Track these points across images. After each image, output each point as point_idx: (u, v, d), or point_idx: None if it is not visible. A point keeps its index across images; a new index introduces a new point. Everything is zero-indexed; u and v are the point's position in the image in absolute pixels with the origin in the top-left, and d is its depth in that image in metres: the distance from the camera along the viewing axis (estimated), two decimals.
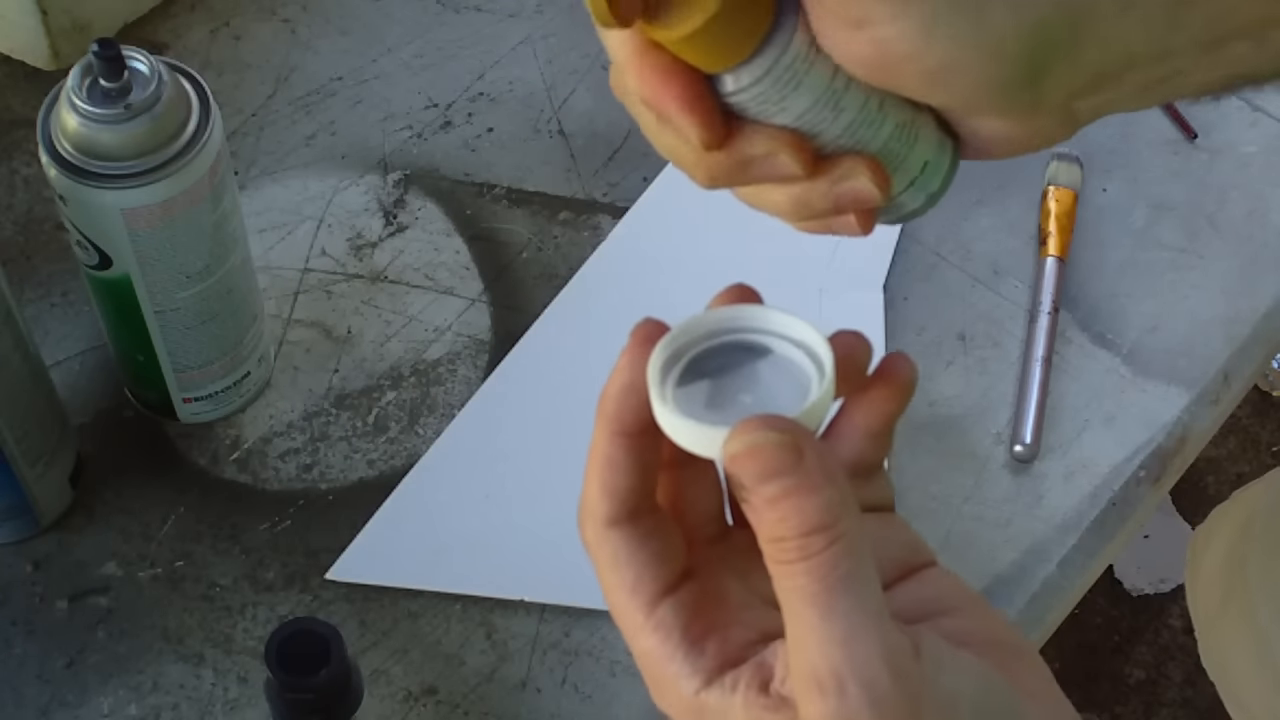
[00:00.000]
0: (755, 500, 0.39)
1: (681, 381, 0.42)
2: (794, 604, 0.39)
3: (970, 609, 0.45)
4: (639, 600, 0.42)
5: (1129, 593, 1.63)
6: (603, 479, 0.42)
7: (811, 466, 0.38)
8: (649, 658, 0.42)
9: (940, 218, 0.85)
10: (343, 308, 0.80)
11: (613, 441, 0.42)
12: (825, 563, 0.38)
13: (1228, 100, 0.91)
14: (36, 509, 0.70)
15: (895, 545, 0.46)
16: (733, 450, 0.39)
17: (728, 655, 0.42)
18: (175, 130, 0.63)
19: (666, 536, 0.43)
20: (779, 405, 0.41)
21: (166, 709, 0.68)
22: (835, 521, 0.38)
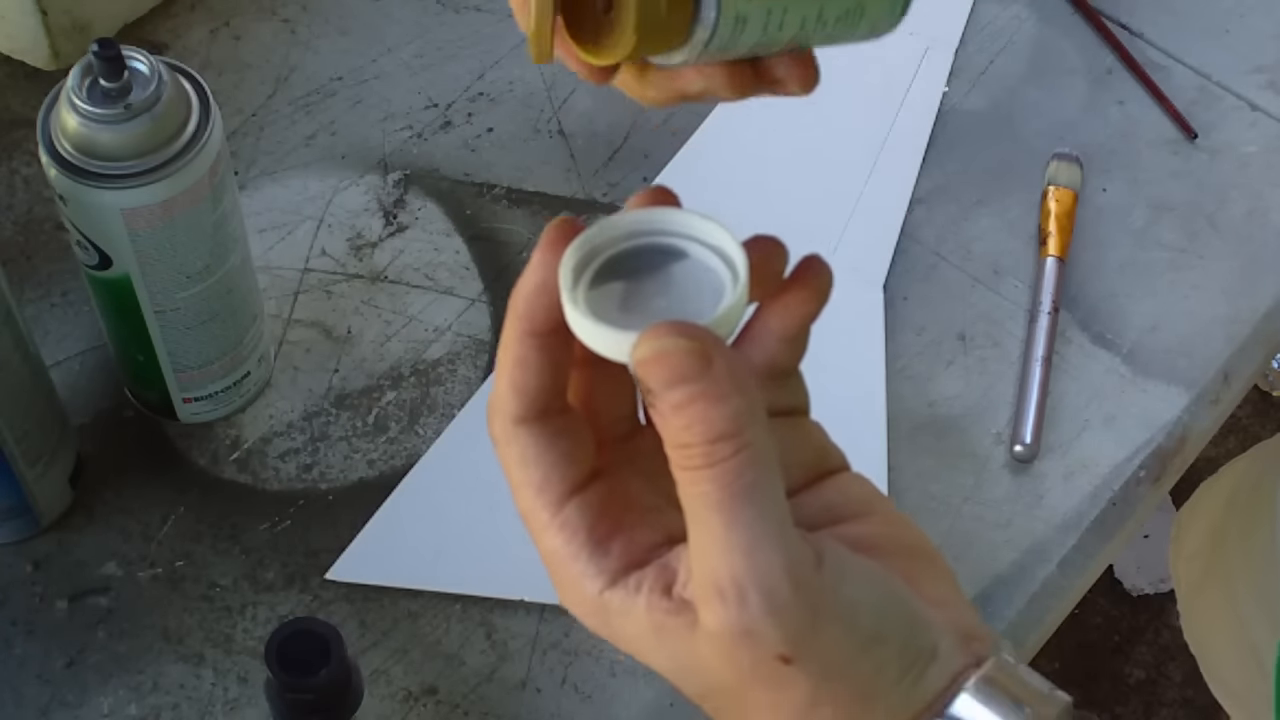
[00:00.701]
0: (662, 406, 0.39)
1: (595, 283, 0.42)
2: (697, 510, 0.39)
3: (878, 514, 0.45)
4: (545, 499, 0.42)
5: (1129, 593, 1.63)
6: (513, 377, 0.42)
7: (720, 374, 0.38)
8: (554, 557, 0.42)
9: (940, 218, 0.85)
10: (343, 308, 0.80)
11: (523, 341, 0.42)
12: (730, 471, 0.38)
13: (1227, 100, 0.91)
14: (36, 509, 0.70)
15: (806, 450, 0.46)
16: (641, 355, 0.39)
17: (633, 557, 0.42)
18: (175, 130, 0.63)
19: (576, 436, 0.43)
20: (692, 310, 0.41)
21: (166, 709, 0.68)
22: (741, 430, 0.38)
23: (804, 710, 0.41)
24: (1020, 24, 0.94)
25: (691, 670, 0.42)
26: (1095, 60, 0.92)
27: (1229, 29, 0.94)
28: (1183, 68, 0.92)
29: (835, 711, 0.41)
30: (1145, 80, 0.91)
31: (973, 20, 0.93)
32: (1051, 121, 0.89)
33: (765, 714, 0.42)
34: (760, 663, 0.40)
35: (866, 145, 0.87)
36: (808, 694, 0.41)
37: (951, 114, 0.89)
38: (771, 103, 0.90)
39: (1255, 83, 0.92)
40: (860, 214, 0.85)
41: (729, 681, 0.41)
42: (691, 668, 0.41)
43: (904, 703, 0.42)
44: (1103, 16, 0.93)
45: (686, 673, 0.42)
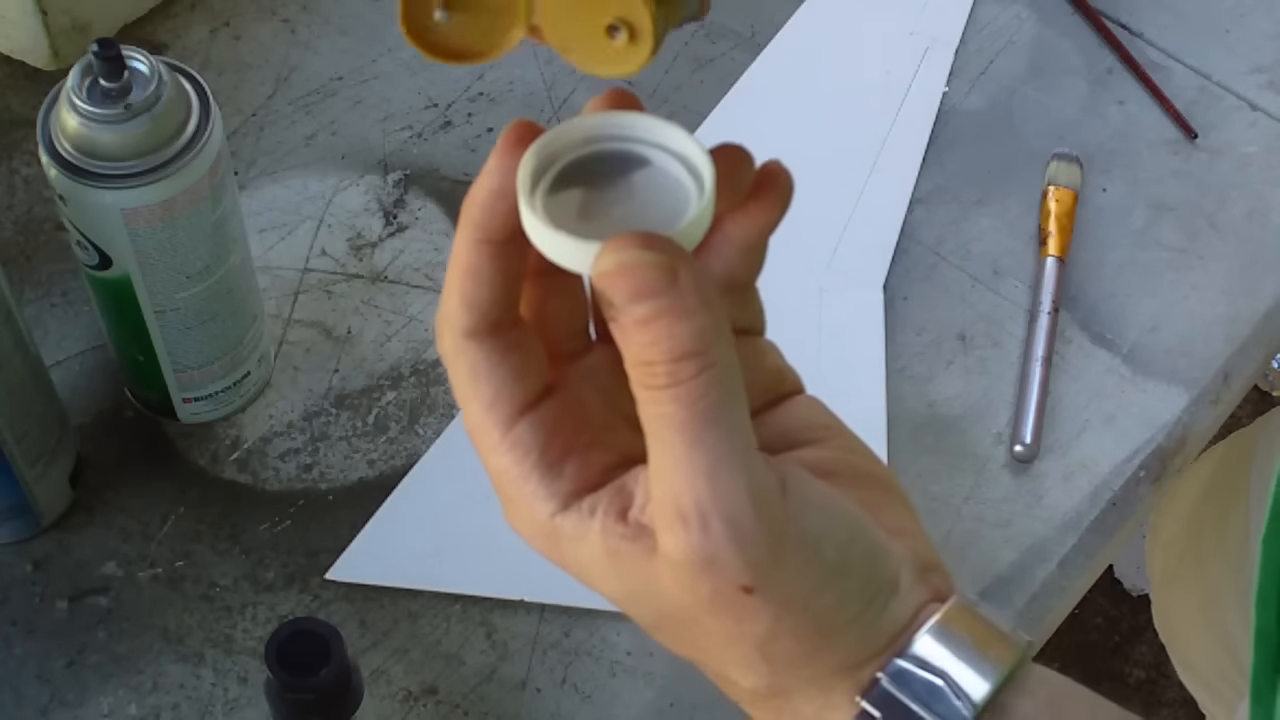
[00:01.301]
0: (624, 320, 0.37)
1: (553, 189, 0.40)
2: (659, 431, 0.38)
3: (836, 439, 0.44)
4: (495, 417, 0.40)
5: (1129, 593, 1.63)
6: (463, 289, 0.40)
7: (686, 288, 0.37)
8: (503, 477, 0.41)
9: (940, 218, 0.85)
10: (343, 308, 0.80)
11: (476, 250, 0.40)
12: (694, 390, 0.37)
13: (1228, 100, 0.91)
14: (36, 509, 0.70)
15: (762, 372, 0.44)
16: (604, 267, 0.37)
17: (586, 479, 0.40)
18: (175, 130, 0.63)
19: (528, 351, 0.41)
20: (655, 220, 0.39)
21: (166, 709, 0.68)
22: (707, 348, 0.37)
23: (762, 642, 0.40)
24: (1020, 24, 0.94)
25: (646, 597, 0.40)
26: (1095, 60, 0.92)
27: (1229, 29, 0.94)
28: (1183, 68, 0.92)
29: (795, 644, 0.40)
30: (1145, 80, 0.91)
31: (973, 20, 0.93)
32: (1051, 121, 0.89)
33: (722, 645, 0.41)
34: (720, 591, 0.38)
35: (866, 145, 0.87)
36: (767, 626, 0.39)
37: (951, 114, 0.89)
38: (772, 102, 0.91)
39: (1255, 83, 0.92)
40: (860, 214, 0.85)
41: (686, 610, 0.40)
42: (646, 595, 0.40)
43: (863, 638, 0.41)
44: (1103, 16, 0.93)
45: (641, 600, 0.41)
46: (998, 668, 0.41)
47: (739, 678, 0.42)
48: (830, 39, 0.92)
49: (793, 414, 0.44)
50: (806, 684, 0.41)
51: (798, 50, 0.91)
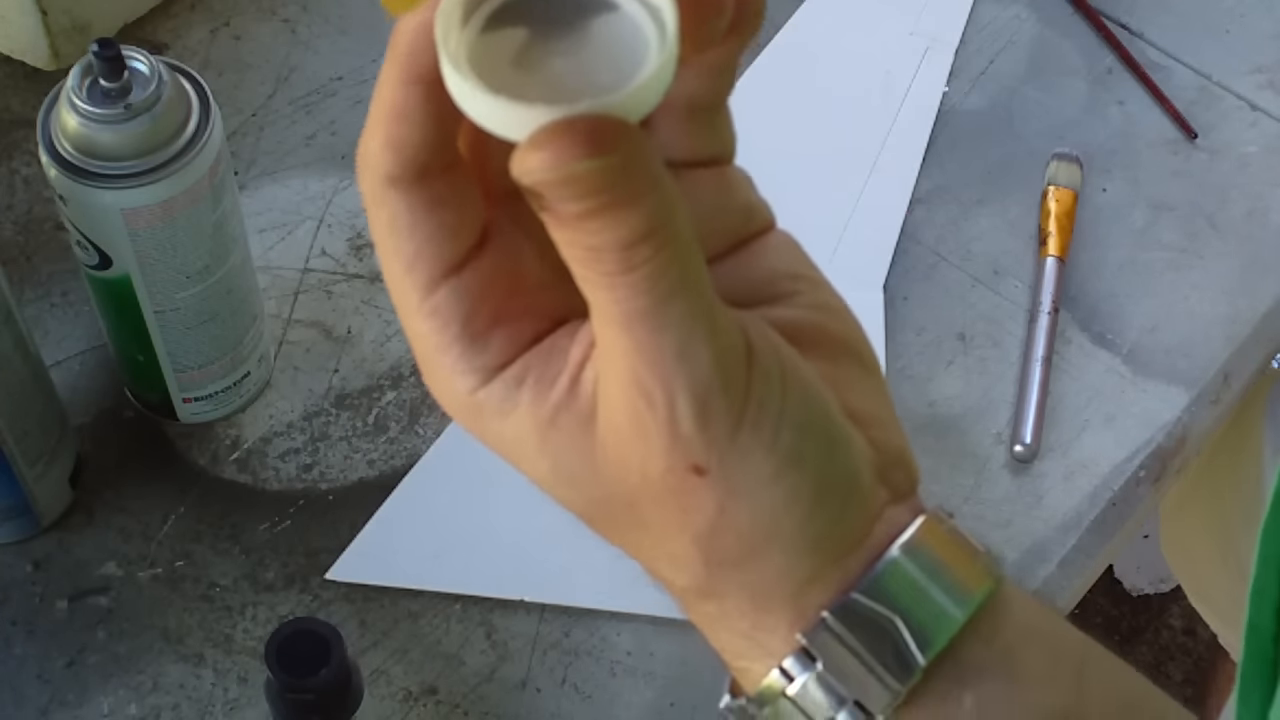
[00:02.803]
0: (558, 213, 0.32)
1: (491, 25, 0.34)
2: (614, 316, 0.33)
3: (808, 292, 0.40)
4: (415, 279, 0.36)
5: (1129, 593, 1.63)
6: (388, 130, 0.35)
7: (634, 173, 0.32)
8: (422, 344, 0.37)
9: (940, 218, 0.85)
10: (343, 308, 0.80)
11: (404, 88, 0.34)
12: (653, 273, 0.33)
13: (1227, 100, 0.91)
14: (36, 509, 0.70)
15: (730, 211, 0.39)
16: (529, 167, 0.32)
17: (514, 350, 0.36)
18: (175, 130, 0.63)
19: (458, 204, 0.36)
20: (602, 78, 0.33)
21: (166, 709, 0.68)
22: (663, 224, 0.32)
23: (702, 535, 0.36)
24: (1020, 24, 0.94)
25: (580, 478, 0.36)
26: (1095, 60, 0.92)
27: (1229, 29, 0.94)
28: (1183, 68, 0.92)
29: (735, 542, 0.36)
30: (1145, 80, 0.91)
31: (973, 20, 0.93)
32: (1051, 121, 0.89)
33: (657, 536, 0.37)
34: (672, 471, 0.35)
35: (866, 145, 0.87)
36: (710, 517, 0.36)
37: (951, 114, 0.89)
38: (772, 102, 0.91)
39: (1255, 83, 0.92)
40: (860, 214, 0.85)
41: (626, 493, 0.36)
42: (580, 475, 0.36)
43: (809, 549, 0.37)
44: (1103, 16, 0.93)
45: (573, 482, 0.37)
46: (961, 607, 0.38)
47: (672, 575, 0.38)
48: (830, 39, 0.92)
49: (762, 260, 0.39)
50: (739, 591, 0.37)
51: (798, 50, 0.91)
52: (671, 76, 0.33)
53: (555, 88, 0.33)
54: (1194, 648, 1.60)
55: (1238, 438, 1.01)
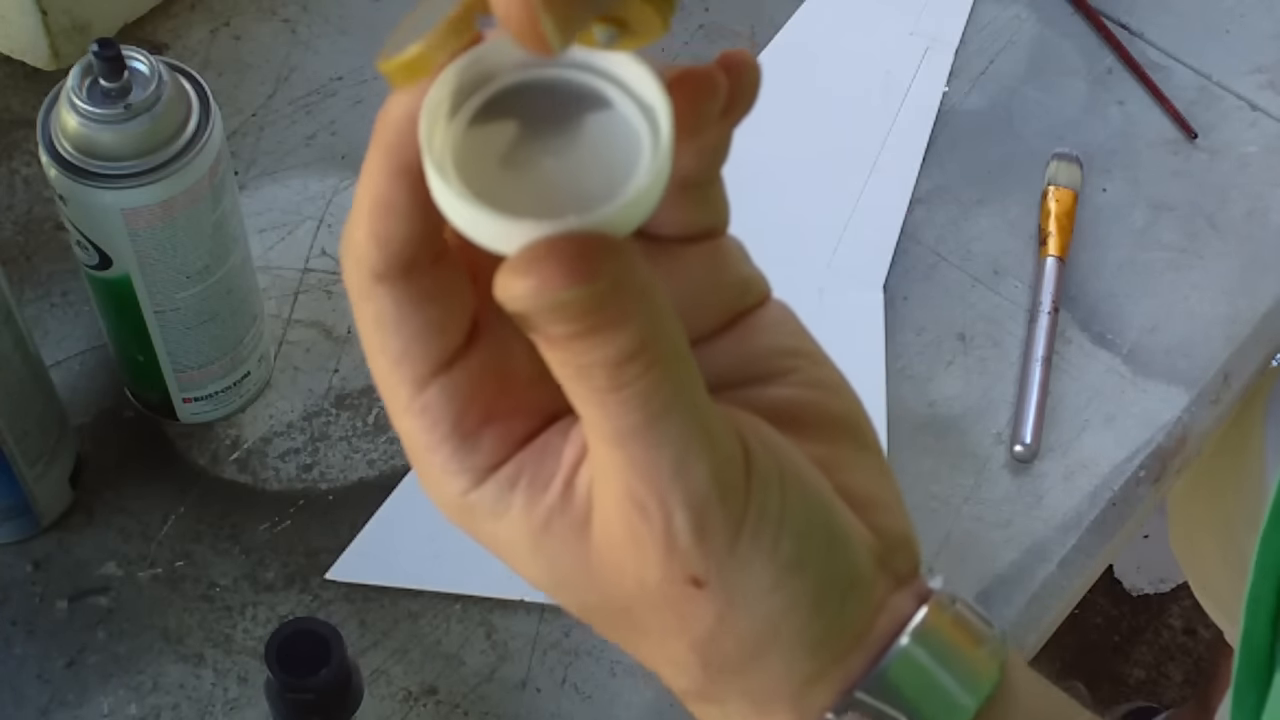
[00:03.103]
0: (546, 334, 0.31)
1: (481, 116, 0.32)
2: (607, 433, 0.32)
3: (805, 369, 0.38)
4: (404, 375, 0.34)
5: (1129, 593, 1.63)
6: (374, 224, 0.33)
7: (622, 295, 0.31)
8: (412, 443, 0.35)
9: (940, 218, 0.85)
10: (343, 308, 0.80)
11: (390, 181, 0.33)
12: (645, 390, 0.31)
13: (1227, 100, 0.91)
14: (36, 509, 0.70)
15: (725, 287, 0.38)
16: (514, 294, 0.30)
17: (506, 450, 0.35)
18: (175, 130, 0.63)
19: (447, 299, 0.34)
20: (593, 183, 0.31)
21: (166, 709, 0.68)
22: (653, 341, 0.31)
23: (700, 642, 0.35)
24: (1020, 24, 0.94)
25: (576, 583, 0.35)
26: (1095, 60, 0.92)
27: (1229, 29, 0.94)
28: (1183, 68, 0.92)
29: (735, 648, 0.35)
30: (1145, 80, 0.91)
31: (973, 20, 0.93)
32: (1051, 121, 0.89)
33: (656, 640, 0.36)
34: (668, 583, 0.34)
35: (866, 145, 0.87)
36: (708, 626, 0.35)
37: (951, 114, 0.89)
38: (772, 102, 0.90)
39: (1255, 83, 0.92)
40: (860, 214, 0.85)
41: (623, 597, 0.35)
42: (576, 580, 0.35)
43: (810, 653, 0.36)
44: (1103, 16, 0.93)
45: (568, 586, 0.36)
46: (972, 695, 0.37)
47: (671, 677, 0.37)
48: (830, 39, 0.92)
49: (758, 337, 0.38)
50: (740, 696, 0.37)
51: (798, 50, 0.91)
52: (665, 186, 0.32)
53: (543, 194, 0.31)
54: (1194, 648, 1.60)
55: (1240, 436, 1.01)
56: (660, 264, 0.36)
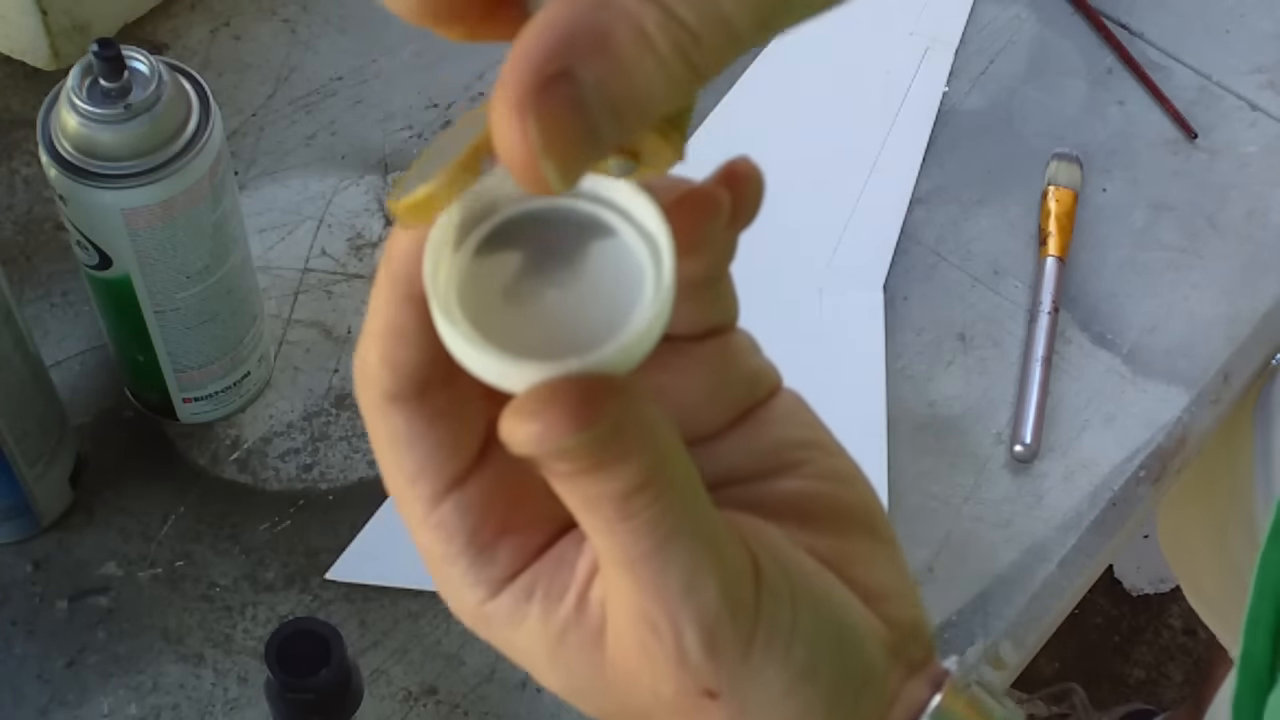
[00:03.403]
0: (552, 470, 0.32)
1: (485, 247, 0.33)
2: (617, 559, 0.33)
3: (817, 460, 0.38)
4: (419, 492, 0.35)
5: (1129, 593, 1.63)
6: (385, 348, 0.34)
7: (627, 434, 0.31)
8: (429, 556, 0.36)
9: (940, 218, 0.85)
10: (343, 308, 0.80)
11: (400, 307, 0.33)
12: (652, 519, 0.32)
13: (1227, 100, 0.91)
14: (36, 509, 0.70)
15: (736, 383, 0.38)
16: (518, 439, 0.31)
17: (522, 561, 0.36)
18: (175, 130, 0.63)
19: (459, 417, 0.35)
20: (596, 316, 0.32)
21: (166, 709, 0.68)
22: (658, 472, 0.32)
23: None
24: (1020, 24, 0.94)
25: (594, 692, 0.36)
26: (1095, 60, 0.92)
27: (1229, 29, 0.94)
28: (1183, 68, 0.92)
29: None
30: (1145, 80, 0.91)
31: (973, 20, 0.93)
32: (1051, 121, 0.89)
33: None
34: (681, 694, 0.35)
35: (866, 145, 0.87)
36: None
37: (951, 114, 0.89)
38: (772, 102, 0.91)
39: (1255, 83, 0.92)
40: (860, 214, 0.85)
41: (639, 706, 0.36)
42: (592, 689, 0.36)
43: None
44: (1103, 16, 0.93)
45: (585, 694, 0.37)
46: None
47: None
48: (830, 39, 0.92)
49: (770, 429, 0.39)
50: None
51: (798, 50, 0.91)
52: (667, 320, 0.32)
53: (548, 328, 0.32)
54: (1194, 648, 1.60)
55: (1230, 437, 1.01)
56: (670, 362, 0.37)
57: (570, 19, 0.27)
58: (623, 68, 0.27)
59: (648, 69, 0.27)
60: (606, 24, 0.27)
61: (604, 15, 0.27)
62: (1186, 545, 1.17)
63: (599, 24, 0.27)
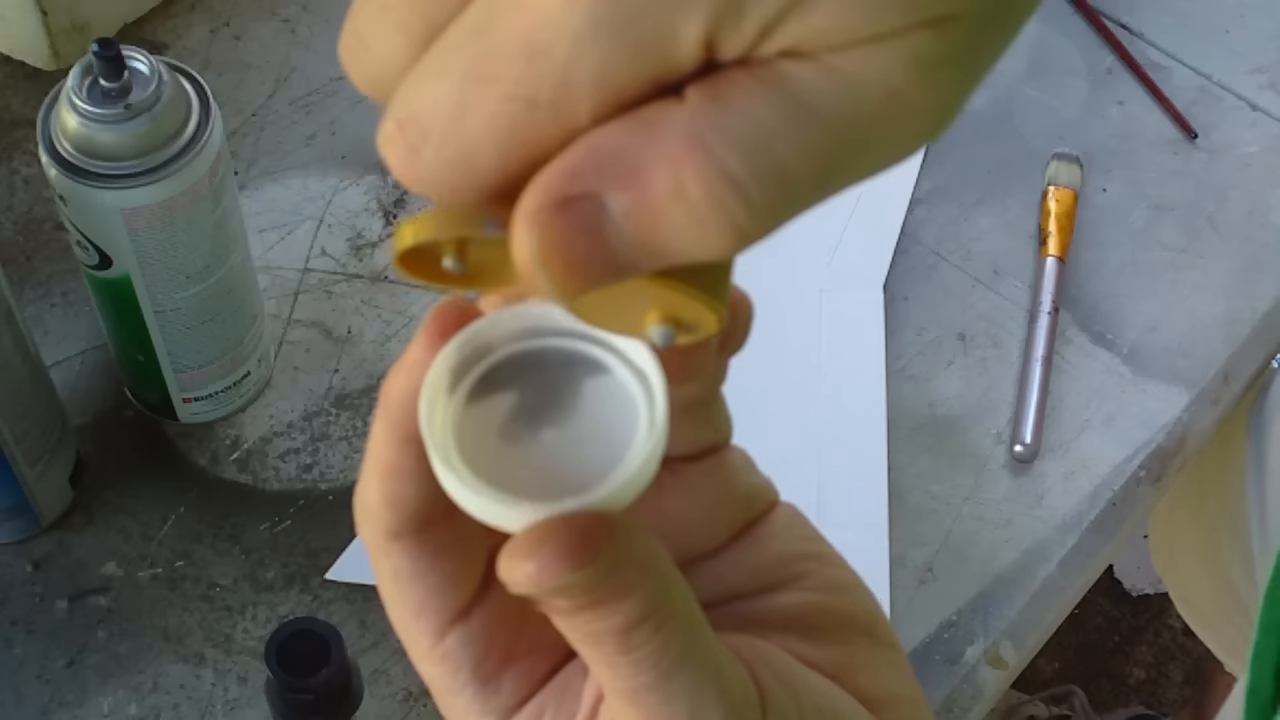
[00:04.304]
0: (551, 607, 0.32)
1: (479, 391, 0.33)
2: (620, 692, 0.33)
3: (816, 572, 0.38)
4: (423, 626, 0.36)
5: (1129, 593, 1.63)
6: (385, 488, 0.34)
7: (624, 570, 0.31)
8: (435, 686, 0.36)
9: (940, 218, 0.85)
10: (343, 308, 0.80)
11: (399, 448, 0.34)
12: (654, 653, 0.32)
13: (1227, 100, 0.91)
14: (36, 509, 0.70)
15: (731, 501, 0.38)
16: (515, 579, 0.31)
17: (527, 689, 0.36)
18: (175, 130, 0.63)
19: (462, 550, 0.35)
20: (592, 454, 0.32)
21: (166, 709, 0.68)
22: (658, 606, 0.32)
23: None
24: None
25: None
26: (1095, 60, 0.92)
27: (1229, 29, 0.94)
28: (1183, 68, 0.92)
29: None
30: (1145, 80, 0.91)
31: None
32: (1051, 121, 0.89)
33: None
34: None
35: None
36: None
37: None
38: None
39: (1255, 83, 0.92)
40: (860, 214, 0.85)
41: None
42: None
43: None
44: (1103, 16, 0.93)
45: None
46: None
47: None
48: None
49: (768, 545, 0.38)
50: None
51: None
52: (662, 454, 0.32)
53: (544, 467, 0.32)
54: (1194, 648, 1.60)
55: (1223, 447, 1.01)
56: (666, 483, 0.37)
57: (614, 143, 0.26)
58: (650, 212, 0.26)
59: (678, 221, 0.26)
60: (646, 160, 0.26)
61: (647, 149, 0.26)
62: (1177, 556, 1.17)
63: (639, 157, 0.26)
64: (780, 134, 0.25)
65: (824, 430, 0.76)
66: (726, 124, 0.25)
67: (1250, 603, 1.02)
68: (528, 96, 0.26)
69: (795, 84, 0.25)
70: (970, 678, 0.72)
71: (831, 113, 0.26)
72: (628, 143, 0.26)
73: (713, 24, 0.24)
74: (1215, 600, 1.10)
